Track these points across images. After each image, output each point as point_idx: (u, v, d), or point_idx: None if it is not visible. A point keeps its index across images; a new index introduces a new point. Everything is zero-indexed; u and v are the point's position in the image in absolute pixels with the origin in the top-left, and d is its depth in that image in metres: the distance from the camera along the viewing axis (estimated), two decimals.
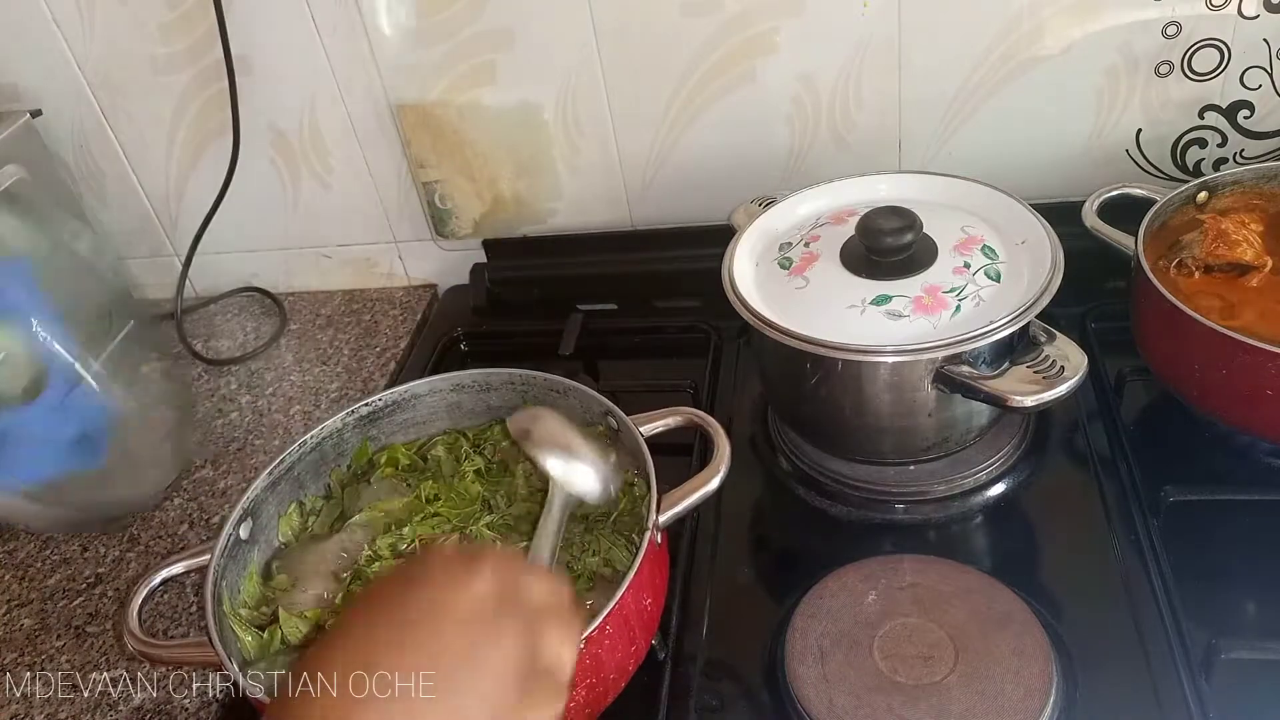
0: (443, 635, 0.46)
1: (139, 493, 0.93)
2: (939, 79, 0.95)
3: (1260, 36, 0.89)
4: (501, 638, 0.47)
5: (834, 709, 0.65)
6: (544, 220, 1.11)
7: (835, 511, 0.83)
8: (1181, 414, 0.82)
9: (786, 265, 0.81)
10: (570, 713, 0.61)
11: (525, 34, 0.98)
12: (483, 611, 0.48)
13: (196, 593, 0.85)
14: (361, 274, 1.21)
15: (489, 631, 0.47)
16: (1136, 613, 0.70)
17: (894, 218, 0.76)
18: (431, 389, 0.82)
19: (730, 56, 0.96)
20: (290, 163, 1.11)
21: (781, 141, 1.01)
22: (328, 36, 1.01)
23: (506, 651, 0.47)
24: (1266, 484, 0.79)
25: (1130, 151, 0.97)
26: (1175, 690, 0.65)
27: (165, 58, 1.05)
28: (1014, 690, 0.64)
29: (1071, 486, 0.82)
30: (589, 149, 1.05)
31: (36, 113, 1.07)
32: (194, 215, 1.12)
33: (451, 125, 1.05)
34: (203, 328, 1.20)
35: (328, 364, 1.11)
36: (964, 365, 0.72)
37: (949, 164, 0.99)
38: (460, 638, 0.46)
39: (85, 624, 0.85)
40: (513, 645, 0.47)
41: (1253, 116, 0.93)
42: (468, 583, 0.48)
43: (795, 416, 0.87)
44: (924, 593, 0.71)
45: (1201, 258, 0.80)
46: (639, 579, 0.63)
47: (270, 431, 1.03)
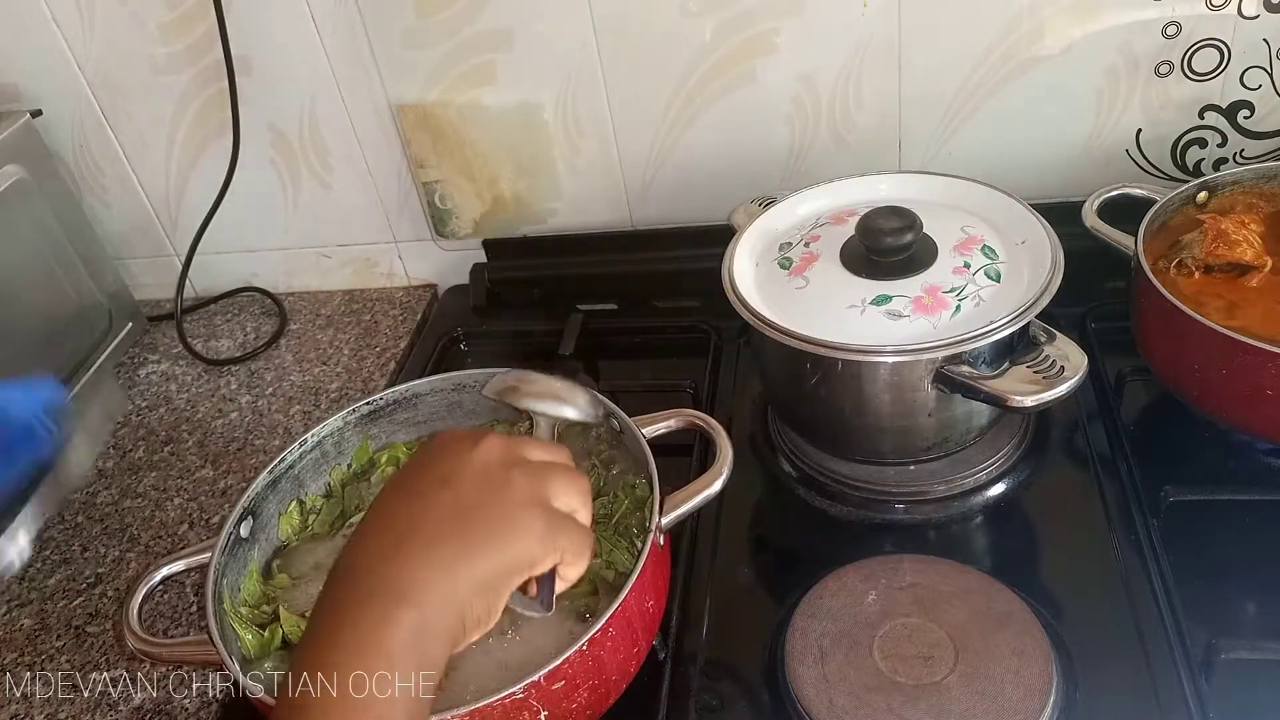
0: (465, 491, 0.53)
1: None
2: (939, 79, 0.95)
3: (1260, 36, 0.89)
4: (513, 482, 0.54)
5: (834, 709, 0.65)
6: (544, 220, 1.11)
7: (835, 511, 0.83)
8: (1181, 414, 0.82)
9: (786, 265, 0.81)
10: (572, 714, 0.61)
11: (525, 34, 0.98)
12: (492, 466, 0.55)
13: (196, 592, 0.85)
14: (361, 274, 1.21)
15: (501, 479, 0.54)
16: (1136, 613, 0.70)
17: (894, 218, 0.76)
18: (433, 388, 0.82)
19: (730, 56, 0.96)
20: (290, 163, 1.11)
21: (781, 141, 1.01)
22: (328, 36, 1.01)
23: (521, 490, 0.54)
24: (1266, 484, 0.79)
25: (1130, 151, 0.97)
26: (1175, 690, 0.65)
27: (165, 58, 1.05)
28: (1014, 690, 0.64)
29: (1071, 486, 0.82)
30: (589, 149, 1.05)
31: (36, 113, 1.07)
32: (194, 215, 1.12)
33: (451, 125, 1.05)
34: (203, 328, 1.20)
35: (328, 364, 1.11)
36: (964, 365, 0.72)
37: (949, 164, 0.99)
38: (480, 490, 0.53)
39: (85, 624, 0.85)
40: (525, 486, 0.54)
41: (1253, 116, 0.93)
42: (475, 449, 0.55)
43: (795, 417, 0.87)
44: (924, 593, 0.71)
45: (1201, 258, 0.80)
46: (641, 581, 0.63)
47: (270, 431, 1.03)
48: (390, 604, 0.48)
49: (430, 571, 0.50)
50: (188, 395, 1.10)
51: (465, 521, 0.52)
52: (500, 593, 0.52)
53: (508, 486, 0.54)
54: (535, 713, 0.59)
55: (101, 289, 1.13)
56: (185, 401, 1.09)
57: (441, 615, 0.49)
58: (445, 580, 0.50)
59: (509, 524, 0.53)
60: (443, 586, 0.50)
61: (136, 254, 1.22)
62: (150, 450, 1.03)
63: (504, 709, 0.57)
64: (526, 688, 0.57)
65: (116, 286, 1.16)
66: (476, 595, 0.51)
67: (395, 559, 0.51)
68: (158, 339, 1.19)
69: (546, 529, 0.53)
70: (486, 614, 0.52)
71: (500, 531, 0.52)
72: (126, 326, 1.17)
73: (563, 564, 0.55)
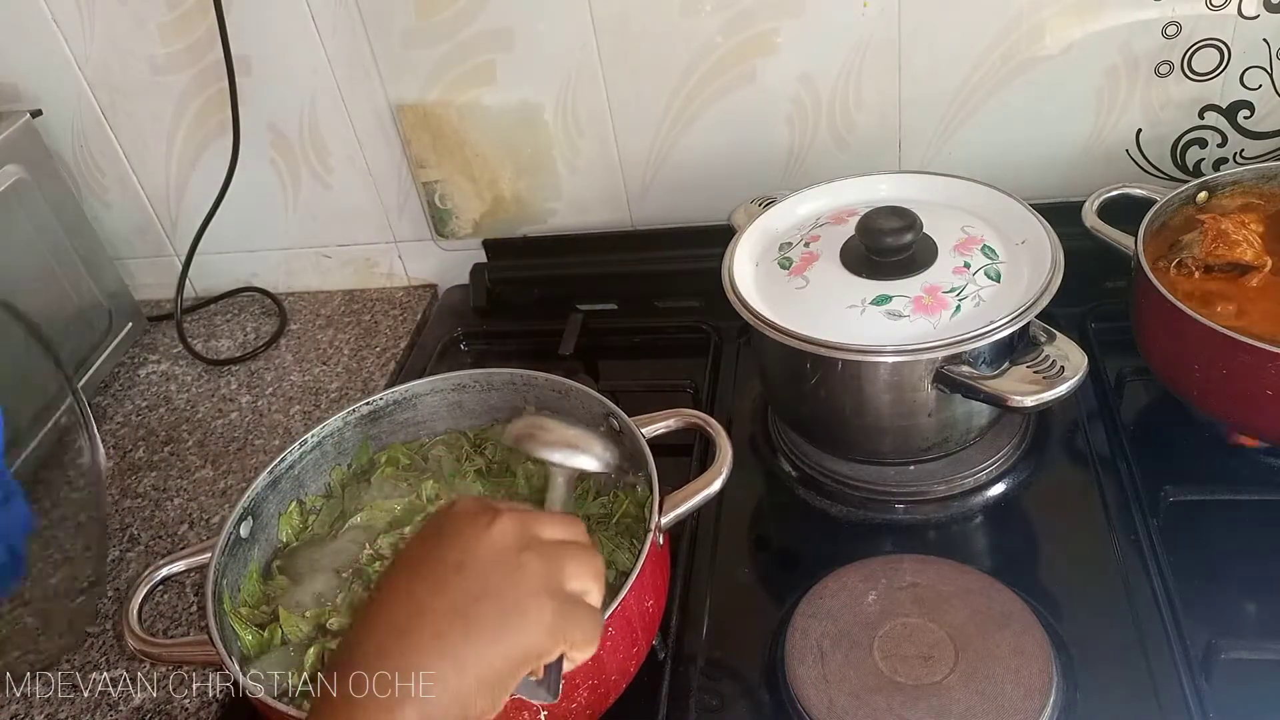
0: (476, 578, 0.52)
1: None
2: (939, 79, 0.95)
3: (1260, 36, 0.89)
4: (526, 567, 0.53)
5: (834, 709, 0.65)
6: (544, 220, 1.11)
7: (835, 511, 0.83)
8: (1181, 414, 0.82)
9: (786, 265, 0.81)
10: (572, 714, 0.61)
11: (525, 34, 0.98)
12: (506, 550, 0.53)
13: (196, 592, 0.85)
14: (361, 274, 1.21)
15: (514, 564, 0.53)
16: (1136, 613, 0.70)
17: (894, 218, 0.76)
18: (433, 389, 0.82)
19: (730, 56, 0.96)
20: (290, 163, 1.11)
21: (781, 141, 1.01)
22: (328, 36, 1.01)
23: (533, 577, 0.52)
24: (1266, 484, 0.79)
25: (1130, 151, 0.97)
26: (1175, 690, 0.65)
27: (165, 58, 1.05)
28: (1014, 690, 0.64)
29: (1071, 486, 0.82)
30: (589, 149, 1.05)
31: (36, 113, 1.07)
32: (194, 215, 1.12)
33: (451, 125, 1.05)
34: (203, 328, 1.20)
35: (328, 364, 1.11)
36: (964, 365, 0.72)
37: (949, 164, 0.99)
38: (492, 577, 0.52)
39: (85, 624, 0.84)
40: (538, 571, 0.53)
41: (1253, 116, 0.93)
42: (490, 529, 0.54)
43: (795, 417, 0.87)
44: (924, 593, 0.71)
45: (1201, 258, 0.80)
46: (641, 581, 0.63)
47: (270, 431, 1.03)
48: (394, 703, 0.48)
49: (437, 664, 0.49)
50: (188, 395, 1.10)
51: (475, 611, 0.51)
52: (506, 686, 0.51)
53: (520, 572, 0.52)
54: (535, 712, 0.59)
55: (101, 289, 1.13)
56: (185, 401, 1.09)
57: (445, 712, 0.49)
58: (453, 675, 0.49)
59: (519, 616, 0.51)
60: (450, 681, 0.49)
61: (136, 254, 1.22)
62: (150, 450, 1.03)
63: (504, 709, 0.57)
64: None
65: (116, 286, 1.16)
66: (482, 691, 0.50)
67: (402, 649, 0.49)
68: (158, 339, 1.19)
69: (556, 618, 0.52)
70: (490, 708, 0.50)
71: (511, 625, 0.51)
72: (126, 326, 1.17)
73: (571, 649, 0.53)
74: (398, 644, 0.50)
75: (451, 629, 0.50)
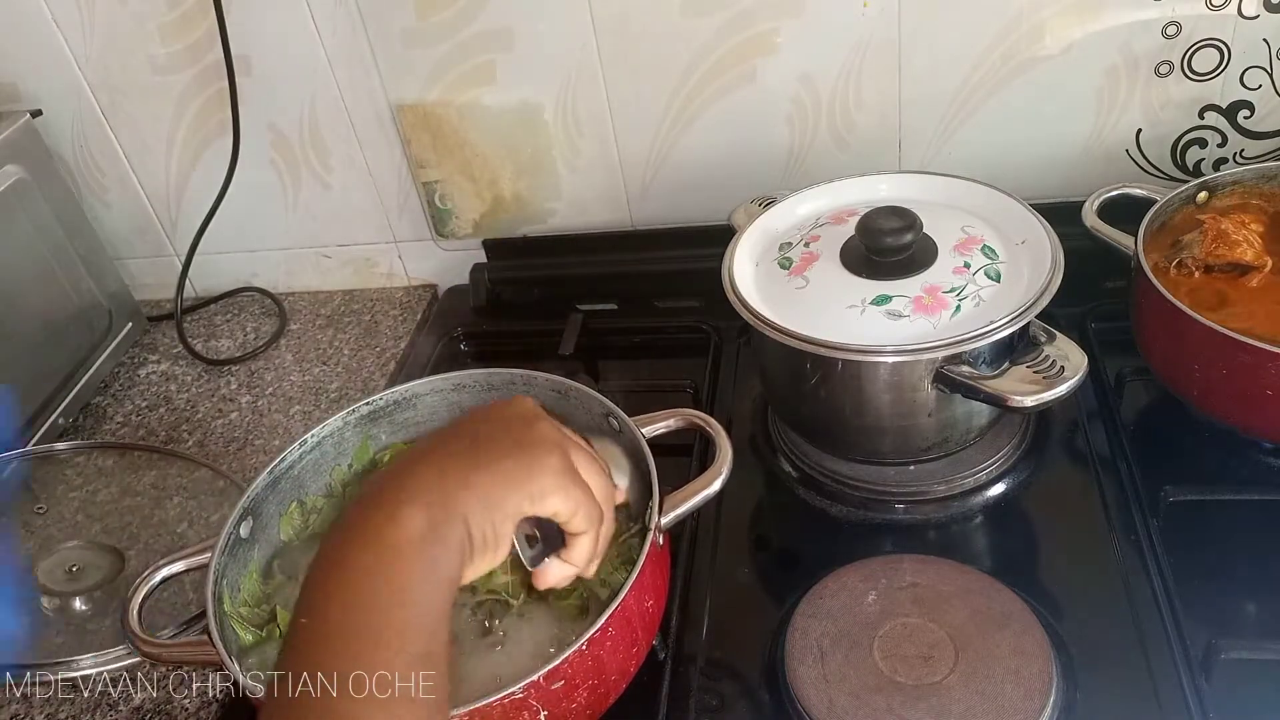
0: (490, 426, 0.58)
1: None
2: (939, 79, 0.95)
3: (1260, 36, 0.89)
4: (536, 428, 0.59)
5: (834, 709, 0.65)
6: (544, 220, 1.11)
7: (835, 511, 0.83)
8: (1181, 414, 0.82)
9: (786, 265, 0.81)
10: (572, 714, 0.61)
11: (525, 34, 0.98)
12: (526, 414, 0.60)
13: (196, 592, 0.85)
14: (361, 274, 1.21)
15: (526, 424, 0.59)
16: (1136, 613, 0.70)
17: (894, 218, 0.76)
18: (433, 388, 0.82)
19: (730, 56, 0.96)
20: (290, 163, 1.11)
21: (781, 141, 1.01)
22: (328, 36, 1.01)
23: (547, 437, 0.58)
24: (1266, 484, 0.79)
25: (1130, 151, 0.97)
26: (1175, 690, 0.65)
27: (165, 58, 1.05)
28: (1014, 690, 0.64)
29: (1071, 486, 0.82)
30: (589, 149, 1.05)
31: (36, 113, 1.07)
32: (194, 215, 1.12)
33: (451, 125, 1.05)
34: (203, 328, 1.20)
35: (328, 364, 1.11)
36: (964, 365, 0.72)
37: (949, 164, 0.99)
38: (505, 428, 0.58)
39: (85, 623, 0.84)
40: (550, 435, 0.58)
41: (1253, 116, 0.93)
42: (510, 403, 0.61)
43: (795, 417, 0.87)
44: (924, 593, 0.71)
45: (1201, 258, 0.80)
46: (641, 581, 0.63)
47: (270, 431, 1.03)
48: (400, 503, 0.51)
49: (442, 477, 0.53)
50: (188, 395, 1.10)
51: (485, 444, 0.56)
52: (509, 515, 0.54)
53: (531, 429, 0.58)
54: (535, 712, 0.59)
55: (101, 289, 1.13)
56: (185, 401, 1.09)
57: (449, 518, 0.51)
58: (456, 486, 0.53)
59: (527, 455, 0.56)
60: (453, 491, 0.52)
61: (136, 254, 1.22)
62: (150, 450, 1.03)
63: (503, 709, 0.57)
64: (526, 687, 0.57)
65: (116, 286, 1.16)
66: (484, 511, 0.53)
67: (409, 469, 0.54)
68: (158, 339, 1.19)
69: (562, 473, 0.56)
70: (494, 535, 0.53)
71: (517, 457, 0.55)
72: (126, 326, 1.17)
73: (571, 518, 0.56)
74: (407, 465, 0.54)
75: (459, 454, 0.55)
